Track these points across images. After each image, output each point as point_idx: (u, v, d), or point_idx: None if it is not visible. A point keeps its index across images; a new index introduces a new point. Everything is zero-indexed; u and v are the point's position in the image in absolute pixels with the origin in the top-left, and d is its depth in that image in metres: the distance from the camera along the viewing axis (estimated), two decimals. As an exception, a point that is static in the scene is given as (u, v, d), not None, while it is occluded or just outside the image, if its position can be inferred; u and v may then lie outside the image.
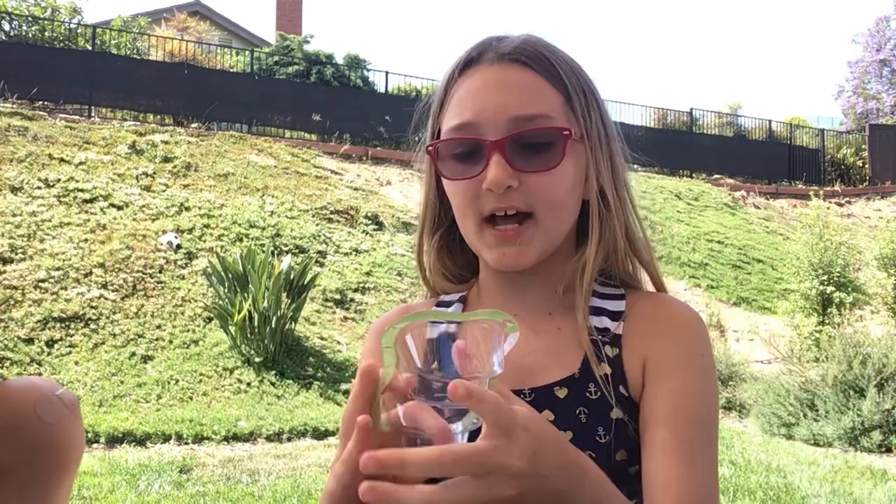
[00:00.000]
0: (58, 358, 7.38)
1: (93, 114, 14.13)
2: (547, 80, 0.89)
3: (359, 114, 16.36)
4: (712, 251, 14.56)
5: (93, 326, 7.91)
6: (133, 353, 7.68)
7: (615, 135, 0.95)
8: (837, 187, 20.47)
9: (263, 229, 10.80)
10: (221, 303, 7.93)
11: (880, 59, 29.02)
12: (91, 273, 8.69)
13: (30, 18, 16.27)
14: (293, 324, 8.26)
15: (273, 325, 7.85)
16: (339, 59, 18.56)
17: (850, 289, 10.42)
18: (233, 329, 7.82)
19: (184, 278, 9.17)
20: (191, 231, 10.20)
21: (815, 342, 9.47)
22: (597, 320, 0.91)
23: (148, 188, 11.08)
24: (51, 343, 7.54)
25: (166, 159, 12.07)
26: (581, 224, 0.94)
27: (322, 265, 10.40)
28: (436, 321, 0.64)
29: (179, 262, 9.45)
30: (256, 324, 7.82)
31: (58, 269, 8.55)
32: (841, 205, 19.39)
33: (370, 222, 12.11)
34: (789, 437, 6.98)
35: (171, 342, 8.00)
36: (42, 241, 9.03)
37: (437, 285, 1.01)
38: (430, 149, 0.92)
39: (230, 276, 7.99)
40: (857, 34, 32.23)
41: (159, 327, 8.20)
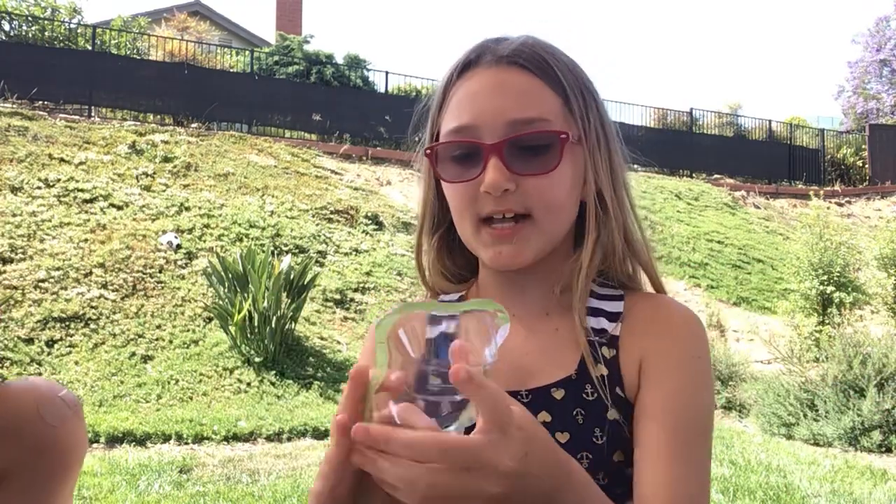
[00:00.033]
0: (58, 358, 7.38)
1: (93, 114, 14.13)
2: (545, 83, 0.89)
3: (359, 114, 16.36)
4: (712, 251, 14.56)
5: (93, 326, 7.91)
6: (133, 353, 7.68)
7: (614, 136, 0.95)
8: (837, 187, 20.47)
9: (263, 229, 10.80)
10: (221, 303, 7.93)
11: (880, 60, 29.01)
12: (91, 273, 8.69)
13: (30, 18, 16.27)
14: (293, 324, 8.26)
15: (273, 325, 7.85)
16: (339, 59, 18.56)
17: (850, 289, 10.42)
18: (233, 329, 7.82)
19: (184, 278, 9.17)
20: (191, 231, 10.20)
21: (815, 342, 9.47)
22: (594, 321, 0.91)
23: (148, 188, 11.08)
24: (51, 343, 7.55)
25: (166, 159, 12.07)
26: (580, 224, 0.94)
27: (322, 265, 10.40)
28: (436, 314, 0.63)
29: (179, 262, 9.45)
30: (256, 324, 7.82)
31: (58, 269, 8.56)
32: (841, 205, 19.39)
33: (370, 222, 12.11)
34: (789, 437, 6.98)
35: (171, 342, 8.00)
36: (42, 241, 9.03)
37: (436, 285, 1.02)
38: (427, 152, 0.92)
39: (230, 276, 7.99)
40: (857, 34, 32.24)
41: (159, 327, 8.20)
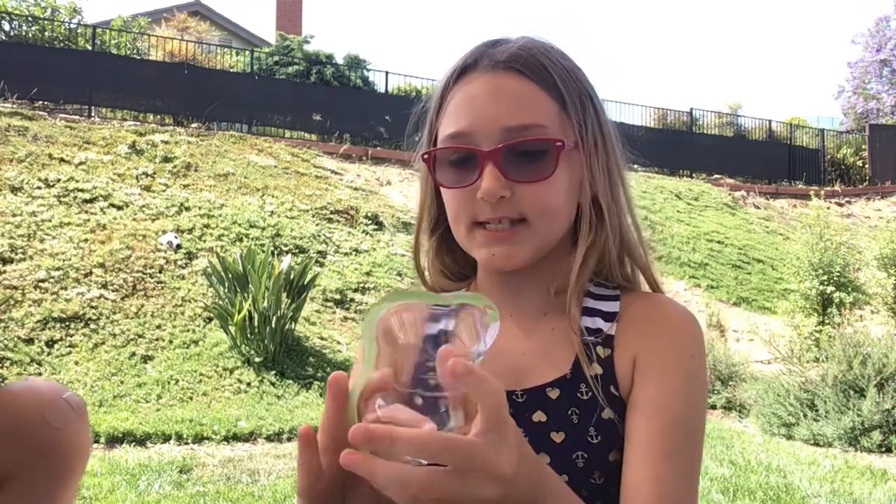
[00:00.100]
0: (58, 358, 7.38)
1: (93, 114, 14.13)
2: (542, 88, 0.89)
3: (359, 114, 16.36)
4: (712, 251, 14.56)
5: (93, 326, 7.91)
6: (133, 353, 7.68)
7: (612, 139, 0.95)
8: (837, 187, 20.47)
9: (263, 229, 10.80)
10: (221, 303, 7.93)
11: (880, 60, 29.01)
12: (91, 273, 8.69)
13: (30, 18, 16.27)
14: (293, 324, 8.25)
15: (273, 325, 7.85)
16: (339, 59, 18.56)
17: (850, 289, 10.42)
18: (233, 329, 7.82)
19: (184, 278, 9.17)
20: (191, 231, 10.20)
21: (815, 342, 9.47)
22: (590, 321, 0.91)
23: (148, 188, 11.08)
24: (51, 343, 7.54)
25: (166, 159, 12.07)
26: (578, 225, 0.94)
27: (322, 265, 10.40)
28: (436, 312, 0.61)
29: (179, 262, 9.45)
30: (256, 324, 7.82)
31: (58, 269, 8.55)
32: (841, 205, 19.39)
33: (370, 222, 12.11)
34: (789, 437, 6.98)
35: (171, 342, 8.00)
36: (42, 241, 9.03)
37: (436, 284, 1.02)
38: (425, 156, 0.92)
39: (230, 276, 7.99)
40: (856, 34, 32.24)
41: (159, 327, 8.20)
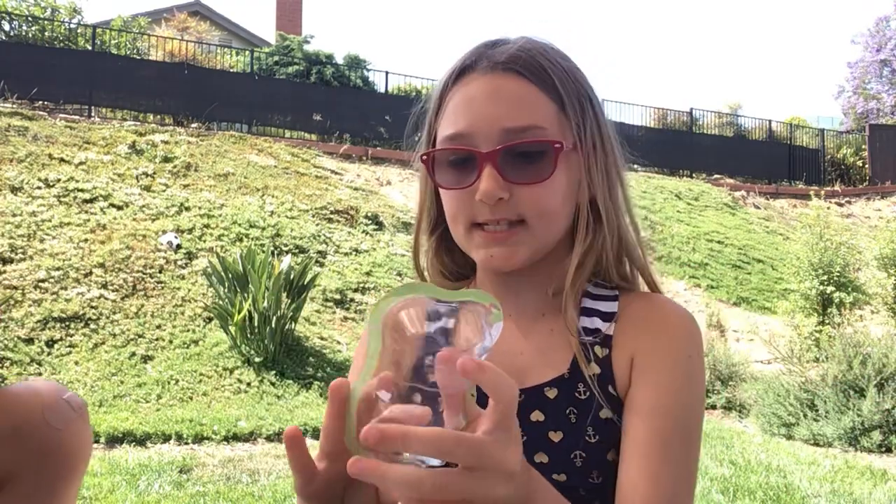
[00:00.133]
0: (58, 358, 7.38)
1: (93, 114, 14.13)
2: (540, 90, 0.88)
3: (359, 114, 16.36)
4: (712, 251, 14.56)
5: (93, 326, 7.91)
6: (133, 353, 7.68)
7: (612, 140, 0.95)
8: (837, 187, 20.47)
9: (263, 229, 10.80)
10: (221, 303, 7.93)
11: (880, 60, 29.01)
12: (91, 273, 8.69)
13: (30, 18, 16.27)
14: (293, 324, 8.25)
15: (273, 325, 7.85)
16: (339, 59, 18.56)
17: (850, 289, 10.42)
18: (233, 329, 7.82)
19: (184, 278, 9.17)
20: (191, 231, 10.20)
21: (815, 342, 9.47)
22: (588, 321, 0.91)
23: (148, 188, 11.08)
24: (51, 343, 7.54)
25: (166, 159, 12.07)
26: (577, 226, 0.94)
27: (322, 265, 10.40)
28: (436, 310, 0.61)
29: (179, 262, 9.45)
30: (256, 324, 7.82)
31: (58, 269, 8.55)
32: (841, 205, 19.39)
33: (370, 222, 12.11)
34: (789, 437, 6.98)
35: (171, 342, 8.00)
36: (42, 241, 9.03)
37: (434, 284, 1.02)
38: (424, 157, 0.92)
39: (230, 276, 7.99)
40: (856, 34, 32.24)
41: (159, 327, 8.20)
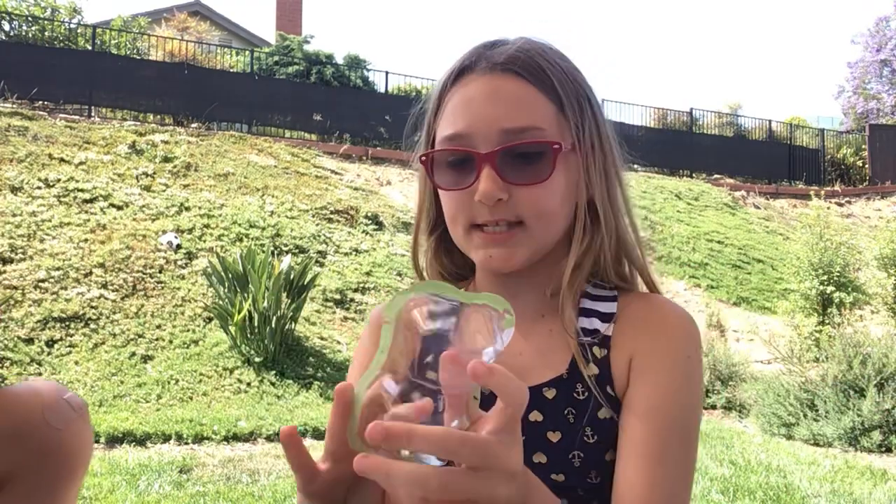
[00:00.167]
0: (58, 358, 7.38)
1: (93, 114, 14.13)
2: (539, 90, 0.88)
3: (359, 114, 16.36)
4: (712, 251, 14.56)
5: (93, 326, 7.91)
6: (133, 353, 7.68)
7: (610, 141, 0.95)
8: (837, 187, 20.47)
9: (263, 229, 10.80)
10: (221, 303, 7.93)
11: (880, 60, 29.01)
12: (91, 273, 8.69)
13: (30, 18, 16.27)
14: (293, 324, 8.25)
15: (273, 325, 7.85)
16: (339, 59, 18.56)
17: (850, 289, 10.41)
18: (233, 329, 7.82)
19: (184, 278, 9.17)
20: (191, 231, 10.20)
21: (815, 342, 9.47)
22: (587, 321, 0.91)
23: (148, 188, 11.08)
24: (51, 343, 7.54)
25: (166, 159, 12.07)
26: (574, 227, 0.94)
27: (322, 265, 10.40)
28: (436, 310, 0.61)
29: (179, 262, 9.45)
30: (256, 324, 7.82)
31: (58, 269, 8.55)
32: (841, 205, 19.39)
33: (370, 222, 12.11)
34: (789, 437, 6.98)
35: (171, 342, 8.00)
36: (42, 241, 9.03)
37: None
38: (423, 158, 0.92)
39: (230, 276, 7.99)
40: (856, 34, 32.23)
41: (159, 327, 8.20)
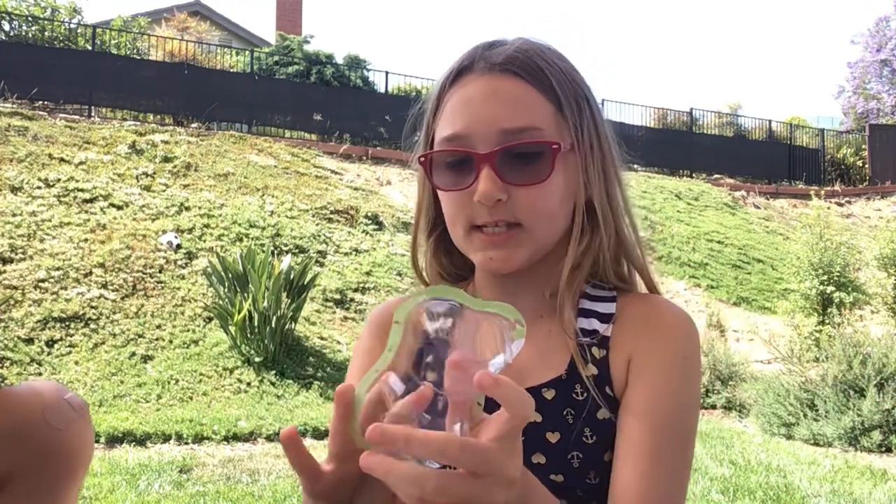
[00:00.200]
0: (58, 358, 7.38)
1: (93, 114, 14.13)
2: (538, 90, 0.88)
3: (359, 114, 16.36)
4: (712, 251, 14.55)
5: (93, 326, 7.91)
6: (133, 353, 7.68)
7: (609, 141, 0.95)
8: (837, 187, 20.46)
9: (263, 229, 10.80)
10: (221, 303, 7.93)
11: (880, 60, 29.01)
12: (91, 273, 8.69)
13: (30, 18, 16.27)
14: (293, 324, 8.25)
15: (273, 325, 7.85)
16: (339, 59, 18.56)
17: (850, 289, 10.41)
18: (233, 329, 7.82)
19: (184, 278, 9.17)
20: (191, 231, 10.20)
21: (815, 342, 9.47)
22: (586, 322, 0.91)
23: (148, 188, 11.08)
24: (51, 343, 7.54)
25: (166, 159, 12.07)
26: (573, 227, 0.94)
27: (322, 265, 10.40)
28: (434, 311, 0.61)
29: (179, 262, 9.45)
30: (256, 324, 7.82)
31: (58, 269, 8.55)
32: (841, 205, 19.39)
33: (370, 222, 12.11)
34: (789, 437, 6.98)
35: (171, 342, 8.00)
36: (42, 241, 9.03)
37: (433, 285, 1.02)
38: (422, 159, 0.92)
39: (230, 276, 7.99)
40: (856, 34, 32.23)
41: (159, 327, 8.20)
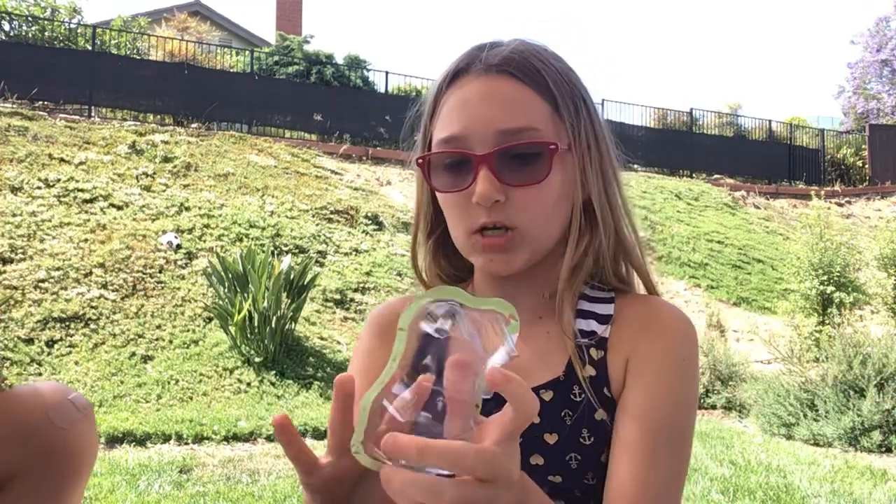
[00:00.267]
0: (58, 358, 7.38)
1: (93, 114, 14.13)
2: (534, 91, 0.89)
3: (359, 114, 16.36)
4: (712, 251, 14.55)
5: (93, 326, 7.91)
6: (133, 353, 7.68)
7: (606, 141, 0.95)
8: (837, 187, 20.46)
9: (263, 229, 10.80)
10: (221, 303, 7.93)
11: (880, 60, 29.01)
12: (91, 273, 8.69)
13: (30, 18, 16.27)
14: (293, 324, 8.25)
15: (273, 325, 7.85)
16: (339, 59, 18.56)
17: (850, 289, 10.41)
18: (233, 329, 7.82)
19: (184, 278, 9.17)
20: (191, 231, 10.20)
21: (815, 342, 9.47)
22: (584, 323, 0.91)
23: (148, 188, 11.08)
24: (51, 343, 7.54)
25: (166, 159, 12.07)
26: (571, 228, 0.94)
27: (322, 265, 10.40)
28: (433, 311, 0.60)
29: (179, 262, 9.45)
30: (256, 324, 7.82)
31: (58, 269, 8.55)
32: (841, 205, 19.39)
33: (370, 222, 12.11)
34: (789, 437, 6.98)
35: (171, 342, 8.00)
36: (42, 241, 9.03)
37: (433, 286, 1.02)
38: (419, 161, 0.93)
39: (230, 276, 7.99)
40: (856, 34, 32.21)
41: (159, 327, 8.20)
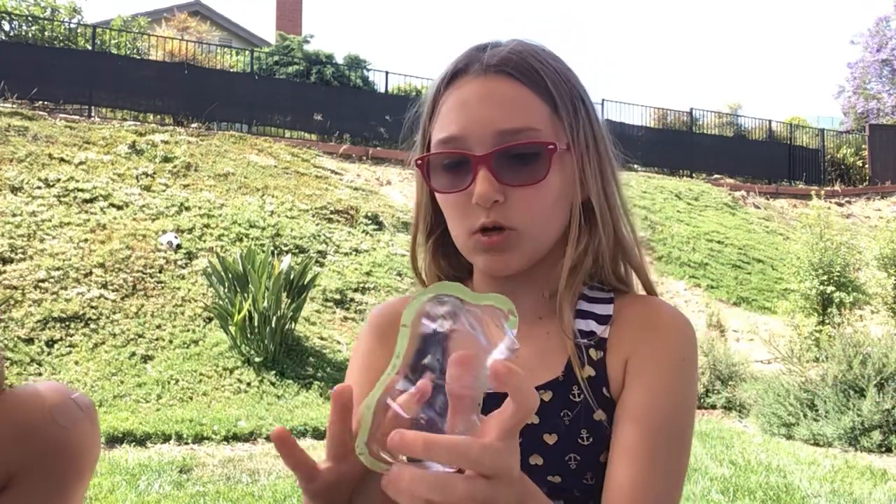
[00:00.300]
0: (58, 358, 7.38)
1: (93, 114, 14.13)
2: (533, 91, 0.89)
3: (359, 114, 16.36)
4: (712, 251, 14.55)
5: (93, 326, 7.91)
6: (133, 353, 7.68)
7: (605, 141, 0.95)
8: (837, 187, 20.46)
9: (263, 229, 10.80)
10: (221, 303, 7.93)
11: (880, 60, 29.01)
12: (91, 273, 8.69)
13: (30, 18, 16.27)
14: (293, 324, 8.25)
15: (273, 325, 7.85)
16: (339, 59, 18.56)
17: (850, 289, 10.42)
18: (233, 329, 7.82)
19: (184, 278, 9.17)
20: (191, 231, 10.20)
21: (815, 342, 9.47)
22: (583, 323, 0.92)
23: (148, 188, 11.08)
24: (51, 343, 7.54)
25: (166, 159, 12.07)
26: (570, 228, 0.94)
27: (322, 265, 10.40)
28: (432, 311, 0.60)
29: (179, 262, 9.45)
30: (256, 324, 7.82)
31: (58, 269, 8.55)
32: (841, 205, 19.39)
33: (370, 222, 12.11)
34: (789, 437, 6.98)
35: (171, 342, 8.00)
36: (42, 241, 9.03)
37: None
38: (418, 162, 0.93)
39: (230, 276, 7.99)
40: (856, 34, 32.22)
41: (159, 327, 8.20)
